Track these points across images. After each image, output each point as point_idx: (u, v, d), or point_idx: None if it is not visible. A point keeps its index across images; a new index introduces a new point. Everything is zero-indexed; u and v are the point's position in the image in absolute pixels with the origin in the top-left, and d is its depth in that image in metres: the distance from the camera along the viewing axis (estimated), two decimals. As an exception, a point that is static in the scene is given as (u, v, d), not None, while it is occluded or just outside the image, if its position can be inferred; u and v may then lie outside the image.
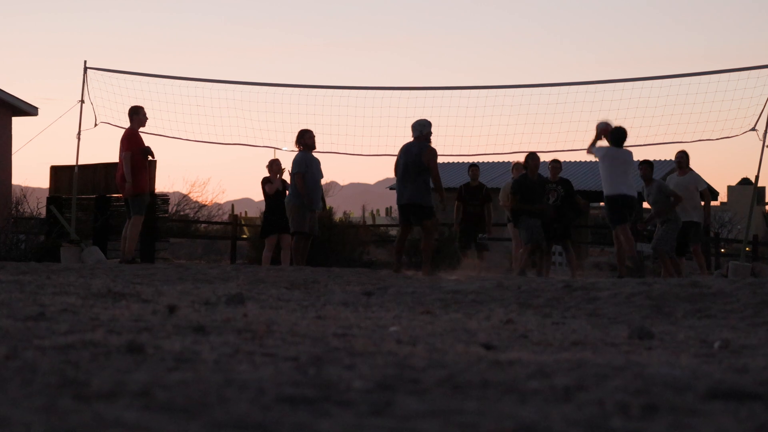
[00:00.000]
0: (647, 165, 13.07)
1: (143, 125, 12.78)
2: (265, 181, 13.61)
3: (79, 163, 15.58)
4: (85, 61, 15.02)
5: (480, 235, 14.58)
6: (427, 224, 11.45)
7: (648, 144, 13.77)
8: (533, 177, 13.60)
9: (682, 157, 13.37)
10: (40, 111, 21.17)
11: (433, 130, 11.72)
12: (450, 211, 16.01)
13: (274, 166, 13.71)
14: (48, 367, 2.84)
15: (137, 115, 12.65)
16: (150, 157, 12.65)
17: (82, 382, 2.59)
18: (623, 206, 12.20)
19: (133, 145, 12.42)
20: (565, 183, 13.84)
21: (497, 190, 14.94)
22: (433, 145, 11.69)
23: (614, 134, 12.31)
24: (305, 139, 12.76)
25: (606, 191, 12.32)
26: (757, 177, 12.86)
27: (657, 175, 27.90)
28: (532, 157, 13.66)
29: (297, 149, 12.80)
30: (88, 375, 2.72)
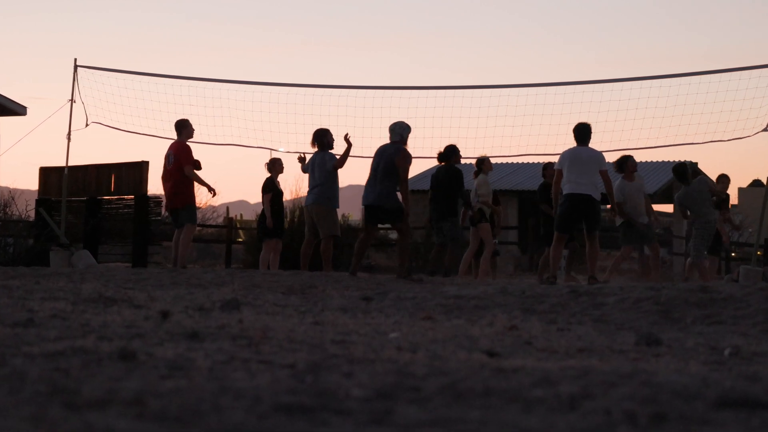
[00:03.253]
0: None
1: (191, 137, 12.94)
2: (269, 184, 13.43)
3: (70, 164, 15.52)
4: (75, 59, 14.93)
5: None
6: (400, 227, 11.46)
7: (659, 146, 13.78)
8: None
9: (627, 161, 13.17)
10: (29, 110, 21.10)
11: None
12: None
13: (276, 165, 13.59)
14: (37, 375, 2.82)
15: (186, 128, 12.81)
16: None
17: (73, 390, 2.57)
18: (584, 209, 11.22)
19: (191, 158, 12.58)
20: None
21: (499, 191, 14.89)
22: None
23: (579, 131, 11.39)
24: (328, 139, 12.68)
25: (568, 190, 11.27)
26: (769, 178, 12.79)
27: (666, 176, 27.45)
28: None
29: (314, 149, 12.63)
30: (78, 383, 2.70)
